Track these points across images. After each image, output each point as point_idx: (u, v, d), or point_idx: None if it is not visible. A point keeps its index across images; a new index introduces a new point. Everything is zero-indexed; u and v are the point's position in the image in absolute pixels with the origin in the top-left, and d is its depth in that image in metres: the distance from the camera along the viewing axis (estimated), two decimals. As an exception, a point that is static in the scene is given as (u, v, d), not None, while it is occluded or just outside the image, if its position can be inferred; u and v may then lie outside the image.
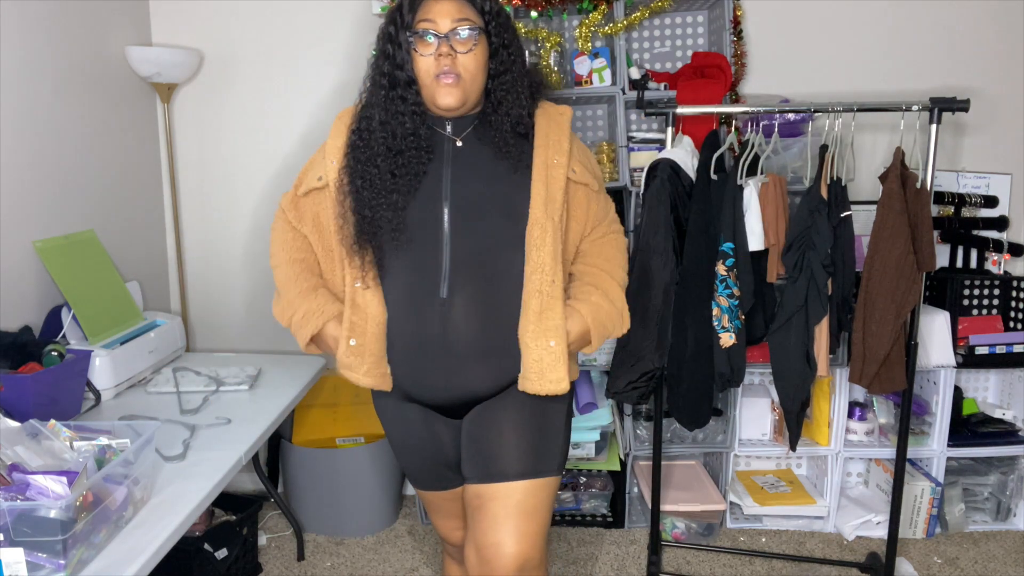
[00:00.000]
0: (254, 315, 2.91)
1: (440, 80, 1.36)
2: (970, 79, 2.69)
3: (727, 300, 2.13)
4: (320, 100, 2.76)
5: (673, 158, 2.16)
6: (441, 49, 1.35)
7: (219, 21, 2.73)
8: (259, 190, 2.83)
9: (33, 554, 1.17)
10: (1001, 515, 2.65)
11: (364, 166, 1.40)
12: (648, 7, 2.46)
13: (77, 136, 2.32)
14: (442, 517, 1.62)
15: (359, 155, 1.42)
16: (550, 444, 1.45)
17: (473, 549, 1.39)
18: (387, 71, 1.40)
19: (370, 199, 1.39)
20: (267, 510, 2.77)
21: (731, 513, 2.67)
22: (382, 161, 1.39)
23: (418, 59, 1.37)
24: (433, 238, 1.39)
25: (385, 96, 1.40)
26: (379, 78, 1.42)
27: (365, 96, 1.47)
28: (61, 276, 2.07)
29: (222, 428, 1.85)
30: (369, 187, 1.39)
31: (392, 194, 1.38)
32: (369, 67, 1.47)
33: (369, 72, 1.46)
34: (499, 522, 1.36)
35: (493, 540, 1.35)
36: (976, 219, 2.66)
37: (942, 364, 2.48)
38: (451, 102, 1.37)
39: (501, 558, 1.34)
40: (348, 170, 1.42)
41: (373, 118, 1.42)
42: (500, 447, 1.41)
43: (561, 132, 1.46)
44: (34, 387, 1.67)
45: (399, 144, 1.39)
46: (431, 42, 1.36)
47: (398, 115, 1.39)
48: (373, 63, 1.46)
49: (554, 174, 1.42)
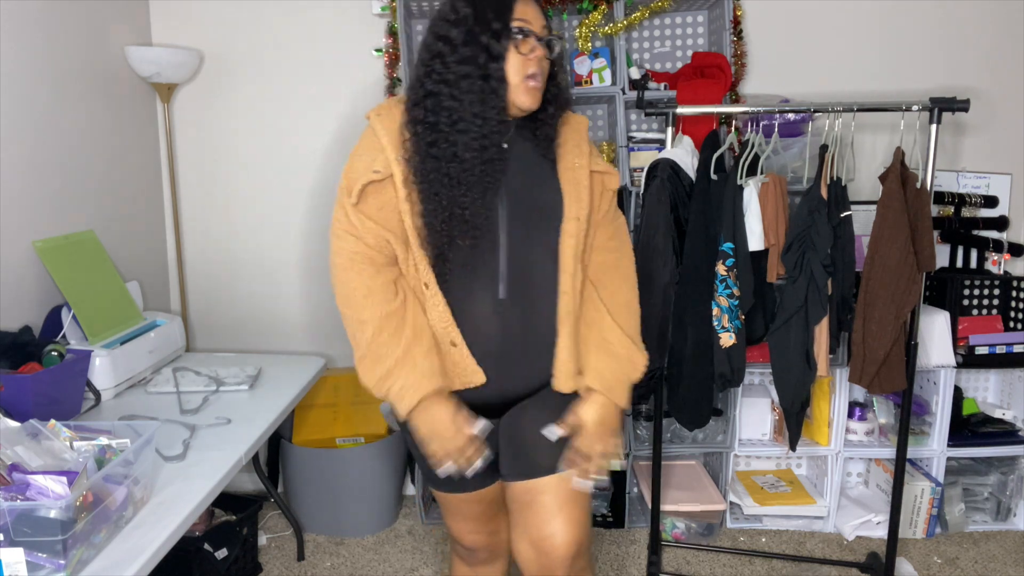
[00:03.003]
0: (254, 315, 2.91)
1: (527, 81, 1.36)
2: (970, 79, 2.69)
3: (727, 300, 2.13)
4: (320, 100, 2.76)
5: (673, 158, 2.16)
6: (538, 51, 1.36)
7: (219, 21, 2.73)
8: (259, 190, 2.83)
9: (33, 554, 1.17)
10: (1001, 515, 2.65)
11: (439, 161, 1.34)
12: (648, 7, 2.46)
13: (77, 136, 2.32)
14: (461, 520, 1.60)
15: (434, 150, 1.34)
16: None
17: (527, 543, 1.44)
18: (483, 63, 1.34)
19: (445, 195, 1.34)
20: (267, 510, 2.77)
21: (731, 513, 2.67)
22: (470, 155, 1.33)
23: (513, 57, 1.35)
24: (491, 237, 1.39)
25: (481, 90, 1.34)
26: (472, 71, 1.34)
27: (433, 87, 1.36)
28: (61, 276, 2.07)
29: (222, 428, 1.85)
30: (446, 182, 1.34)
31: (467, 190, 1.34)
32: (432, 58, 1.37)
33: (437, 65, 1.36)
34: (552, 513, 1.42)
35: (549, 531, 1.41)
36: (976, 219, 2.66)
37: (942, 364, 2.48)
38: (533, 103, 1.38)
39: (559, 547, 1.40)
40: (417, 164, 1.35)
41: (455, 111, 1.34)
42: (544, 442, 1.44)
43: (581, 138, 1.51)
44: (34, 387, 1.67)
45: (485, 140, 1.34)
46: (531, 42, 1.36)
47: (490, 110, 1.34)
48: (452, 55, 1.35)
49: (579, 176, 1.46)
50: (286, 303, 2.90)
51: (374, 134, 1.41)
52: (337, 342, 2.91)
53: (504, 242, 1.40)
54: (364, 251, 1.38)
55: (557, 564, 1.40)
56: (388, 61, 2.62)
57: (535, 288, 1.43)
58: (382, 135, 1.39)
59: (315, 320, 2.90)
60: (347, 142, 2.77)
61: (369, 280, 1.38)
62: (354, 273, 1.38)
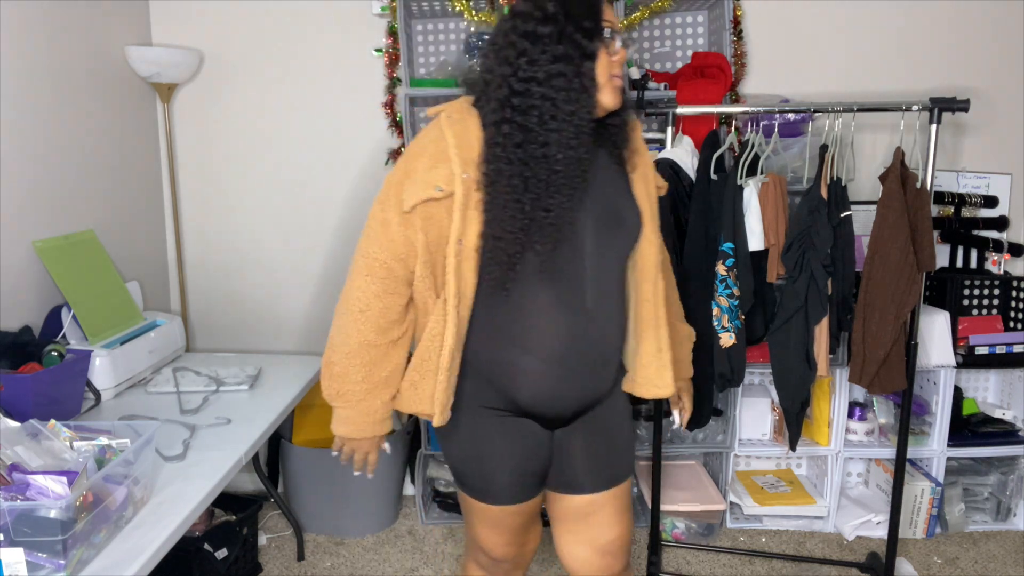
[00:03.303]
0: (254, 315, 2.91)
1: (612, 81, 1.35)
2: (970, 79, 2.69)
3: (727, 300, 2.13)
4: (320, 100, 2.76)
5: (673, 158, 2.16)
6: (621, 52, 1.36)
7: (219, 21, 2.73)
8: (259, 190, 2.83)
9: (33, 554, 1.17)
10: (1001, 515, 2.65)
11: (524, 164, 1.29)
12: (648, 7, 2.46)
13: (77, 136, 2.32)
14: (497, 533, 1.53)
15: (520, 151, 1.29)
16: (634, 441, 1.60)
17: (590, 549, 1.51)
18: (577, 61, 1.31)
19: (528, 199, 1.29)
20: (267, 510, 2.77)
21: (731, 513, 2.67)
22: (562, 155, 1.29)
23: (602, 57, 1.33)
24: (574, 243, 1.35)
25: (574, 88, 1.31)
26: (565, 69, 1.29)
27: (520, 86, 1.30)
28: (61, 276, 2.07)
29: (222, 428, 1.85)
30: (531, 185, 1.29)
31: (555, 192, 1.30)
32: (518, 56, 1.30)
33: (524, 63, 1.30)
34: (616, 519, 1.51)
35: (612, 535, 1.51)
36: (976, 219, 2.66)
37: (942, 364, 2.48)
38: (617, 103, 1.37)
39: (621, 549, 1.53)
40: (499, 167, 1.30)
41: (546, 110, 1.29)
42: (614, 453, 1.51)
43: (643, 143, 1.51)
44: (34, 387, 1.67)
45: (576, 140, 1.30)
46: (615, 43, 1.35)
47: (582, 109, 1.31)
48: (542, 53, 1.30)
49: (649, 182, 1.47)
50: (286, 303, 2.90)
51: (442, 139, 1.32)
52: (337, 342, 2.91)
53: (588, 248, 1.36)
54: (387, 261, 1.36)
55: (618, 564, 1.52)
56: (388, 61, 2.62)
57: (610, 295, 1.41)
58: (451, 143, 1.31)
59: (315, 320, 2.90)
60: (347, 142, 2.78)
61: (375, 298, 1.37)
62: (366, 282, 1.37)
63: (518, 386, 1.39)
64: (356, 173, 2.80)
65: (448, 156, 1.31)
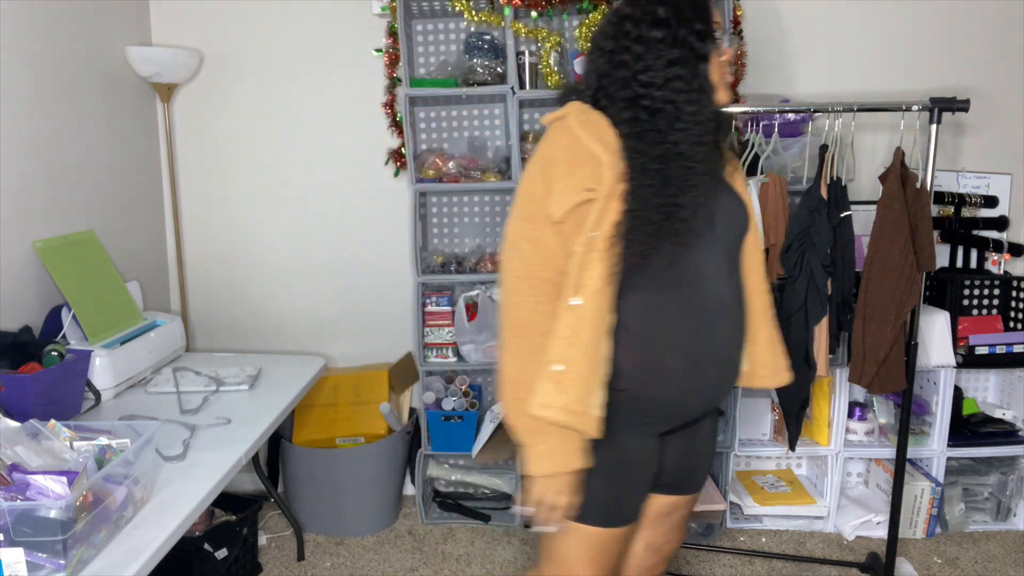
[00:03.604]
0: (254, 315, 2.91)
1: (723, 79, 1.36)
2: (970, 79, 2.69)
3: (727, 300, 2.13)
4: (320, 100, 2.76)
5: (673, 158, 2.16)
6: (728, 52, 1.37)
7: (219, 21, 2.73)
8: (259, 189, 2.83)
9: (33, 554, 1.17)
10: (1001, 515, 2.65)
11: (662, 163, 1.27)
12: (648, 7, 2.46)
13: (77, 136, 2.32)
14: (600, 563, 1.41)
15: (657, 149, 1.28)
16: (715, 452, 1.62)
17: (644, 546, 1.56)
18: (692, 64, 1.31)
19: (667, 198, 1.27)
20: (267, 510, 2.77)
21: (731, 513, 2.67)
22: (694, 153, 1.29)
23: (713, 58, 1.34)
24: (710, 242, 1.33)
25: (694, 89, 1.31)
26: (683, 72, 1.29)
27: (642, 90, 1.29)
28: (61, 276, 2.07)
29: (222, 428, 1.85)
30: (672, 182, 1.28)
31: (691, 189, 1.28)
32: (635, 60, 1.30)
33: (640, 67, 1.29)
34: (681, 524, 1.58)
35: (673, 538, 1.58)
36: (976, 219, 2.66)
37: (942, 364, 2.48)
38: (728, 101, 1.39)
39: (673, 550, 1.61)
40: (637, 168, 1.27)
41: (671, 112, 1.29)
42: (703, 460, 1.53)
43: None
44: (34, 387, 1.67)
45: (704, 139, 1.31)
46: (725, 44, 1.36)
47: (704, 109, 1.32)
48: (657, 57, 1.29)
49: (738, 171, 1.49)
50: (286, 303, 2.90)
51: (576, 141, 1.28)
52: (337, 342, 2.91)
53: (713, 242, 1.35)
54: (551, 276, 1.28)
55: (664, 564, 1.61)
56: (388, 61, 2.62)
57: (734, 290, 1.40)
58: (592, 144, 1.27)
59: (315, 320, 2.90)
60: (347, 142, 2.78)
61: (551, 317, 1.27)
62: (537, 302, 1.28)
63: (660, 388, 1.32)
64: (356, 173, 2.80)
65: (586, 157, 1.27)
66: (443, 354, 2.65)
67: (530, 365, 1.26)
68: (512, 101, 2.47)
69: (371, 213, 2.82)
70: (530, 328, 1.28)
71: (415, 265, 2.57)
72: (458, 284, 2.70)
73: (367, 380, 2.70)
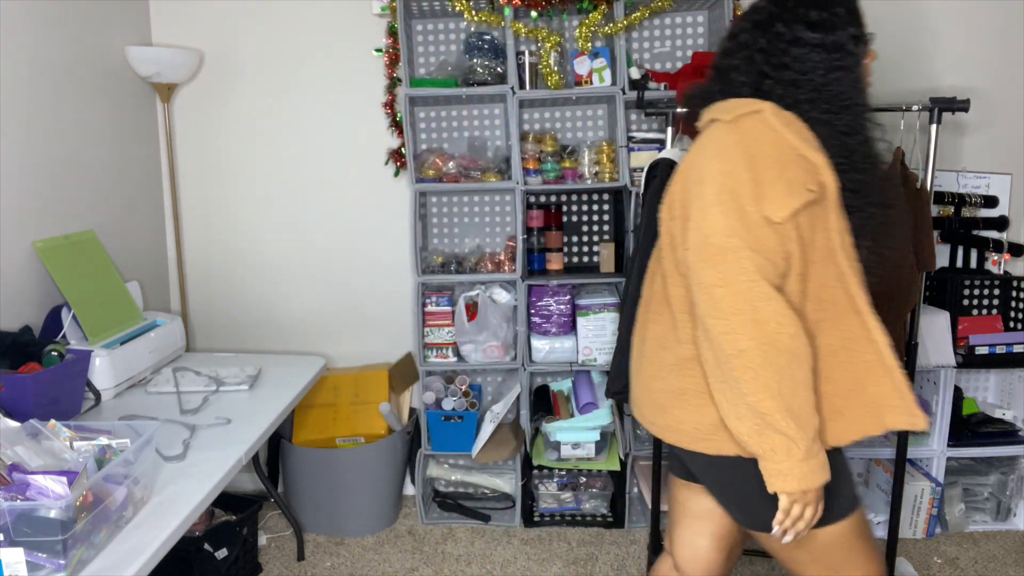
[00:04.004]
0: (254, 315, 2.91)
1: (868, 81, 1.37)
2: (970, 79, 2.69)
3: (727, 300, 2.13)
4: (320, 100, 2.76)
5: (673, 158, 2.16)
6: (872, 52, 1.38)
7: (219, 21, 2.73)
8: (259, 189, 2.83)
9: (33, 554, 1.17)
10: (1001, 515, 2.65)
11: (866, 169, 1.27)
12: (648, 7, 2.46)
13: (77, 136, 2.32)
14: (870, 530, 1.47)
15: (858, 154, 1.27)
16: None
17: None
18: (852, 67, 1.31)
19: (875, 204, 1.27)
20: (267, 510, 2.78)
21: (731, 513, 2.67)
22: (879, 156, 1.30)
23: (867, 63, 1.37)
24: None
25: (860, 91, 1.32)
26: (847, 77, 1.29)
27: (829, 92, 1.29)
28: (61, 276, 2.07)
29: (222, 428, 1.85)
30: (875, 189, 1.28)
31: (886, 196, 1.28)
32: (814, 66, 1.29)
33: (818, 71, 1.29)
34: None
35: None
36: (976, 219, 2.66)
37: (942, 364, 2.48)
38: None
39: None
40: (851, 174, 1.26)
41: (854, 116, 1.29)
42: None
43: None
44: (34, 387, 1.67)
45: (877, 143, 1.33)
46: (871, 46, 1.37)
47: (867, 110, 1.33)
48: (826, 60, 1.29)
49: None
50: (286, 303, 2.90)
51: (783, 140, 1.22)
52: (337, 342, 2.91)
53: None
54: (776, 281, 1.20)
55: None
56: (388, 61, 2.62)
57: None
58: (799, 143, 1.22)
59: (315, 320, 2.90)
60: (347, 142, 2.78)
61: (792, 321, 1.17)
62: (775, 307, 1.17)
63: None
64: (356, 173, 2.80)
65: (794, 156, 1.22)
66: (443, 354, 2.66)
67: (780, 378, 1.16)
68: (512, 101, 2.47)
69: (371, 213, 2.82)
70: (776, 342, 1.17)
71: (415, 265, 2.57)
72: (458, 284, 2.70)
73: (367, 380, 2.70)
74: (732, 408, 1.20)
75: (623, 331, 2.04)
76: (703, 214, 1.22)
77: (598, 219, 2.79)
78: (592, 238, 2.80)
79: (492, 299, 2.61)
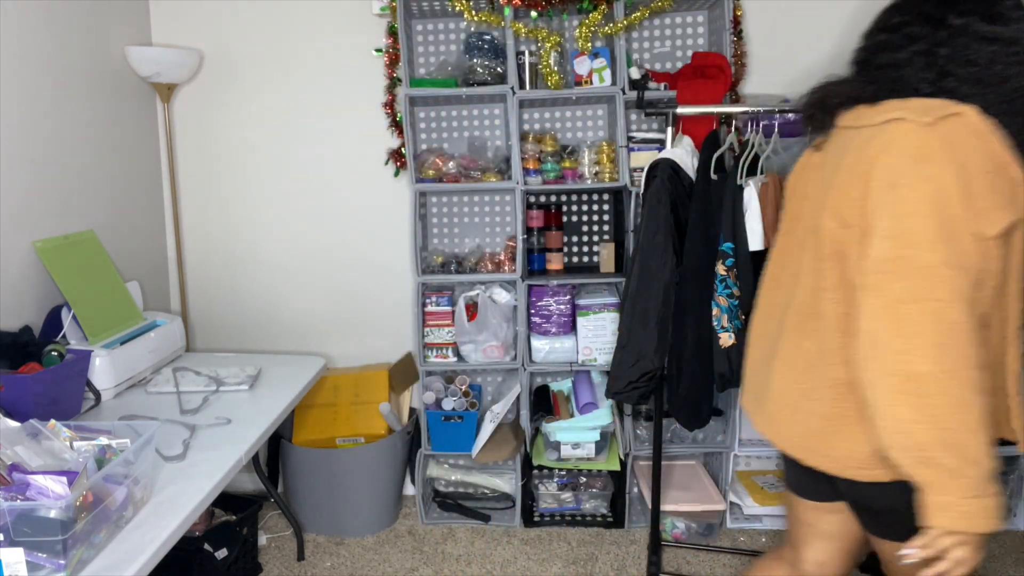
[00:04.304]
0: (254, 315, 2.91)
1: None
2: (970, 79, 2.69)
3: (727, 300, 2.13)
4: (320, 100, 2.76)
5: (673, 158, 2.16)
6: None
7: (219, 21, 2.73)
8: (259, 190, 2.83)
9: (33, 554, 1.17)
10: (1001, 515, 2.65)
11: None
12: (648, 7, 2.46)
13: (77, 136, 2.32)
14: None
15: None
16: None
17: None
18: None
19: None
20: (267, 510, 2.78)
21: (731, 513, 2.67)
22: None
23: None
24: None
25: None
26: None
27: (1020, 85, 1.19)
28: (61, 276, 2.07)
29: (222, 428, 1.85)
30: None
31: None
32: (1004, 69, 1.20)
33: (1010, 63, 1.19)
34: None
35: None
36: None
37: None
38: None
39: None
40: None
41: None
42: None
43: None
44: (34, 387, 1.67)
45: None
46: None
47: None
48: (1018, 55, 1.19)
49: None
50: (286, 303, 2.90)
51: (989, 150, 1.13)
52: (337, 342, 2.91)
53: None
54: (967, 301, 1.09)
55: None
56: (388, 61, 2.62)
57: None
58: (1005, 155, 1.13)
59: (315, 320, 2.90)
60: (347, 142, 2.78)
61: (976, 347, 1.09)
62: (960, 332, 1.07)
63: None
64: (356, 173, 2.80)
65: (1001, 168, 1.13)
66: (443, 354, 2.66)
67: (959, 404, 1.09)
68: (512, 101, 2.47)
69: (371, 213, 2.82)
70: (960, 365, 1.08)
71: (415, 265, 2.57)
72: (458, 284, 2.70)
73: (367, 380, 2.70)
74: (894, 436, 1.13)
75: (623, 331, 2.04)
76: (897, 223, 1.11)
77: (598, 219, 2.79)
78: (592, 238, 2.80)
79: (492, 299, 2.61)
